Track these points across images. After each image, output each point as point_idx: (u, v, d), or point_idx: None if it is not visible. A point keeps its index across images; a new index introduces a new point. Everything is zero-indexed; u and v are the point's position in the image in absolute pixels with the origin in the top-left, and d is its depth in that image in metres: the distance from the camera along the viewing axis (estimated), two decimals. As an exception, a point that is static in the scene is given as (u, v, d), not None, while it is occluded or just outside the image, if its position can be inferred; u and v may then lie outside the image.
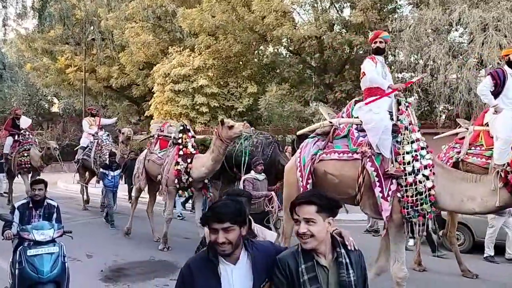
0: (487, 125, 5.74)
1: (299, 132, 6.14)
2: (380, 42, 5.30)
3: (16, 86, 34.21)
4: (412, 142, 4.56)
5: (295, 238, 5.26)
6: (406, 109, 4.78)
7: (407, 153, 4.51)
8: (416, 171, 4.41)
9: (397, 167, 4.47)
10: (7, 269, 4.85)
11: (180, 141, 7.77)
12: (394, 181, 4.48)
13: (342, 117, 5.27)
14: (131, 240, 8.95)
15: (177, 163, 7.59)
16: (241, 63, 19.43)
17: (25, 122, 13.03)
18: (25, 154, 12.21)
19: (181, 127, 7.98)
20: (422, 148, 4.58)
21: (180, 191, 7.86)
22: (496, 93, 5.61)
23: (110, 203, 10.45)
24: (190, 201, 12.07)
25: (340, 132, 5.07)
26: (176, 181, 7.60)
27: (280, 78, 19.20)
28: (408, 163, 4.46)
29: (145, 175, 8.83)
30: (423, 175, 4.40)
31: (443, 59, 13.73)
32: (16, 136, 12.50)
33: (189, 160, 7.58)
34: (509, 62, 5.72)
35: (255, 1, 16.13)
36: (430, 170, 4.43)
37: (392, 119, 4.73)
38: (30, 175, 12.42)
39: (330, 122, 5.16)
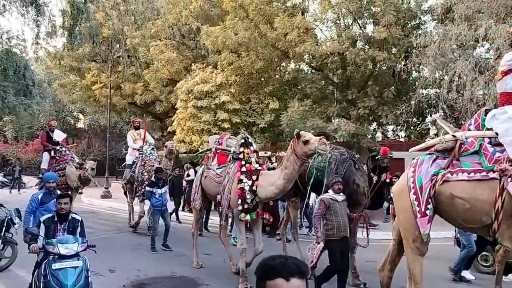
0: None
1: (411, 149, 5.19)
2: None
3: (44, 103, 35.36)
4: None
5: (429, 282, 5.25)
6: None
7: None
8: None
9: None
10: (31, 282, 4.89)
11: (241, 156, 6.89)
12: None
13: (469, 129, 4.49)
14: (153, 255, 8.96)
15: (240, 181, 6.59)
16: (263, 79, 19.55)
17: (59, 135, 11.87)
18: (61, 174, 10.71)
19: (242, 140, 7.04)
20: None
21: (243, 215, 6.56)
22: None
23: (155, 226, 9.36)
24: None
25: (469, 147, 4.26)
26: (239, 201, 6.52)
27: (302, 94, 19.18)
28: None
29: (201, 193, 7.88)
30: None
31: (469, 75, 13.44)
32: (52, 152, 11.22)
33: (254, 177, 6.59)
34: None
35: (278, 19, 16.26)
36: None
37: None
38: None
39: (454, 136, 4.39)
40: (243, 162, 6.79)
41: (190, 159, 16.94)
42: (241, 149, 6.93)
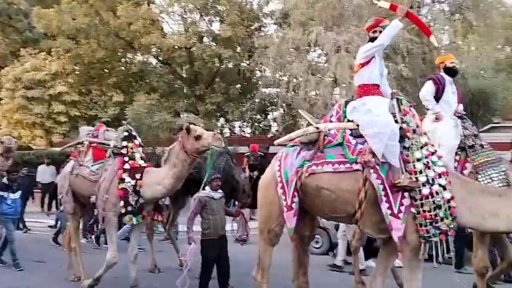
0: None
1: (276, 142, 5.07)
2: (380, 31, 4.26)
3: None
4: (422, 147, 3.93)
5: (273, 270, 4.74)
6: (410, 109, 4.12)
7: (418, 160, 3.86)
8: (431, 180, 3.78)
9: (408, 177, 3.81)
10: None
11: (124, 150, 6.00)
12: (406, 194, 3.81)
13: (331, 121, 4.47)
14: (19, 274, 7.28)
15: (122, 180, 5.79)
16: (106, 70, 18.38)
17: None
18: None
19: (125, 133, 6.16)
20: (433, 154, 3.94)
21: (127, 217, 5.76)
22: (436, 99, 5.41)
23: (11, 236, 7.79)
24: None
25: (332, 139, 4.25)
26: (121, 203, 5.70)
27: (149, 87, 18.61)
28: (420, 172, 3.81)
29: (72, 195, 6.75)
30: (439, 184, 3.77)
31: (303, 77, 14.76)
32: None
33: (138, 176, 5.81)
34: (446, 68, 5.63)
35: (121, 7, 15.41)
36: (446, 179, 3.81)
37: (396, 122, 4.06)
38: None
39: (317, 128, 4.35)
40: (126, 158, 5.91)
41: (21, 157, 14.90)
42: (124, 143, 6.03)
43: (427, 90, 5.43)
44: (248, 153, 6.47)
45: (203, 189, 5.77)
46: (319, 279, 6.01)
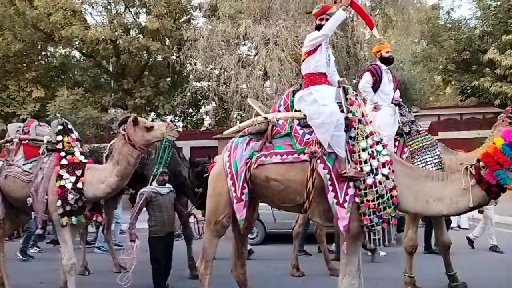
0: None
1: (225, 132, 4.96)
2: (327, 19, 4.20)
3: None
4: (367, 136, 3.96)
5: (217, 261, 4.57)
6: (356, 99, 4.12)
7: (363, 150, 3.89)
8: (375, 170, 3.83)
9: (353, 167, 3.84)
10: None
11: (60, 146, 5.55)
12: (351, 184, 3.85)
13: (279, 111, 4.43)
14: None
15: (60, 177, 5.32)
16: (24, 64, 17.13)
17: None
18: None
19: (60, 127, 5.67)
20: (377, 143, 3.97)
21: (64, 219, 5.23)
22: (374, 90, 5.58)
23: None
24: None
25: (280, 129, 4.24)
26: (60, 202, 5.21)
27: (72, 82, 17.67)
28: (365, 161, 3.85)
29: (2, 198, 6.00)
30: (383, 174, 3.82)
31: (234, 69, 14.79)
32: None
33: (78, 172, 5.36)
34: (382, 58, 5.82)
35: (38, -4, 14.45)
36: (389, 168, 3.87)
37: (342, 111, 4.05)
38: None
39: (265, 118, 4.31)
40: (62, 154, 5.46)
41: None
42: (59, 138, 5.58)
43: (366, 81, 5.61)
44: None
45: (150, 184, 5.54)
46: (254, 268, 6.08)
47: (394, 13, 16.86)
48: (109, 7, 16.89)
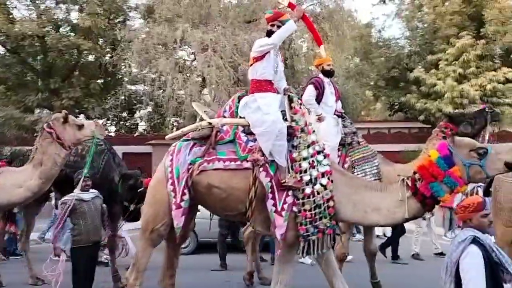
0: None
1: (168, 136, 4.77)
2: (278, 26, 4.16)
3: None
4: (309, 146, 3.95)
5: (148, 271, 4.13)
6: (300, 107, 4.12)
7: (304, 159, 3.88)
8: (314, 180, 3.82)
9: (293, 176, 3.82)
10: None
11: None
12: (290, 193, 3.82)
13: (224, 116, 4.33)
14: None
15: None
16: None
17: None
18: None
19: None
20: (319, 153, 3.95)
21: None
22: (317, 102, 5.64)
23: None
24: None
25: (224, 136, 4.16)
26: None
27: (-7, 79, 16.35)
28: (305, 171, 3.84)
29: None
30: (321, 184, 3.82)
31: (170, 74, 14.44)
32: None
33: None
34: (324, 71, 5.87)
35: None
36: (328, 178, 3.87)
37: (285, 120, 4.03)
38: None
39: (210, 123, 4.20)
40: None
41: None
42: None
43: (309, 94, 5.64)
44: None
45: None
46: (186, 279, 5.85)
47: (329, 29, 17.36)
48: (37, 1, 15.87)
